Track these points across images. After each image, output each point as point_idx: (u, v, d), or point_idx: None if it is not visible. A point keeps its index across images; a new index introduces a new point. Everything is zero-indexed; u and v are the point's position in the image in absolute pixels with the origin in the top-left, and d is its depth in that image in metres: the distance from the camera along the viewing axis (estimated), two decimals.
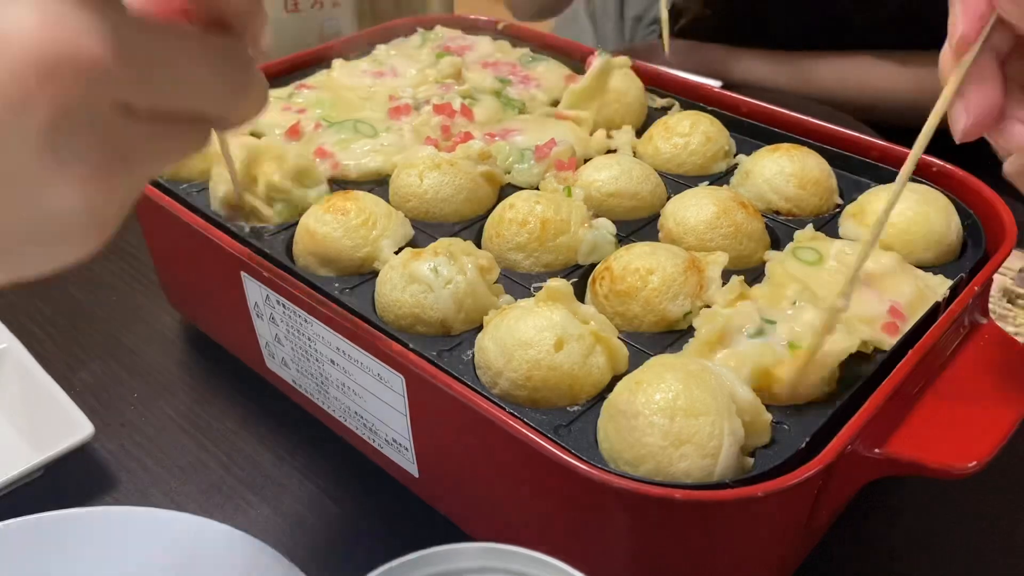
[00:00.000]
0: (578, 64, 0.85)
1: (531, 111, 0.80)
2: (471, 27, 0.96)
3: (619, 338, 0.52)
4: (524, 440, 0.45)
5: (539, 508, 0.50)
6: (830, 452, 0.43)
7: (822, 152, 0.69)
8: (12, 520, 0.56)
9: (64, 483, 0.64)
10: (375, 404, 0.57)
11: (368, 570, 0.33)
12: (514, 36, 0.94)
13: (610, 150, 0.74)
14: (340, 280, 0.59)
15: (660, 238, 0.63)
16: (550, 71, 0.86)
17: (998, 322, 0.63)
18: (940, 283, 0.57)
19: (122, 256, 0.91)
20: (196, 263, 0.70)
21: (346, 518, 0.62)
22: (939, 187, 0.65)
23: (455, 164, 0.66)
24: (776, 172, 0.66)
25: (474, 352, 0.52)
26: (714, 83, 0.88)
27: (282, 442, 0.68)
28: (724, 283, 0.55)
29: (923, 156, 0.44)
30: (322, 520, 0.62)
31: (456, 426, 0.52)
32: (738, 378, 0.47)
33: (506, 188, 0.69)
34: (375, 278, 0.58)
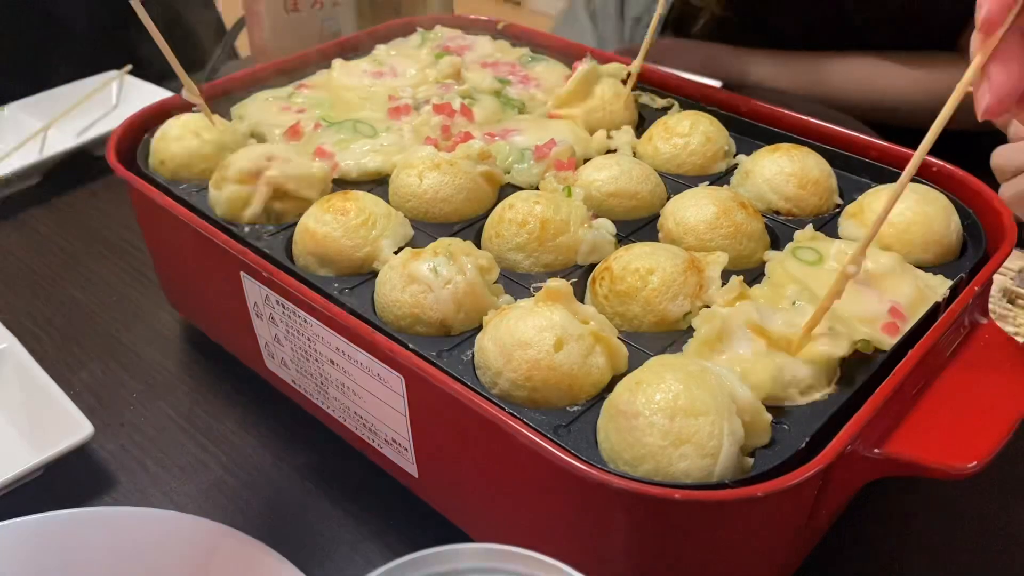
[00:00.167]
0: None
1: (531, 111, 0.80)
2: (471, 27, 0.96)
3: (619, 338, 0.52)
4: (524, 440, 0.45)
5: (539, 508, 0.50)
6: (830, 452, 0.43)
7: (822, 152, 0.69)
8: (12, 520, 0.56)
9: (64, 483, 0.64)
10: (375, 404, 0.56)
11: (368, 570, 0.33)
12: (514, 36, 0.94)
13: (610, 150, 0.74)
14: (339, 280, 0.59)
15: (660, 238, 0.63)
16: (550, 71, 0.86)
17: (998, 322, 0.63)
18: (940, 283, 0.57)
19: (122, 256, 0.91)
20: (196, 263, 0.70)
21: (346, 518, 0.62)
22: (939, 187, 0.65)
23: (455, 164, 0.66)
24: (776, 172, 0.66)
25: (474, 352, 0.52)
26: (714, 83, 0.88)
27: (282, 442, 0.68)
28: (724, 283, 0.55)
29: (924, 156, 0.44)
30: (322, 520, 0.62)
31: (456, 426, 0.52)
32: (738, 378, 0.47)
33: (506, 188, 0.69)
34: (375, 278, 0.58)
